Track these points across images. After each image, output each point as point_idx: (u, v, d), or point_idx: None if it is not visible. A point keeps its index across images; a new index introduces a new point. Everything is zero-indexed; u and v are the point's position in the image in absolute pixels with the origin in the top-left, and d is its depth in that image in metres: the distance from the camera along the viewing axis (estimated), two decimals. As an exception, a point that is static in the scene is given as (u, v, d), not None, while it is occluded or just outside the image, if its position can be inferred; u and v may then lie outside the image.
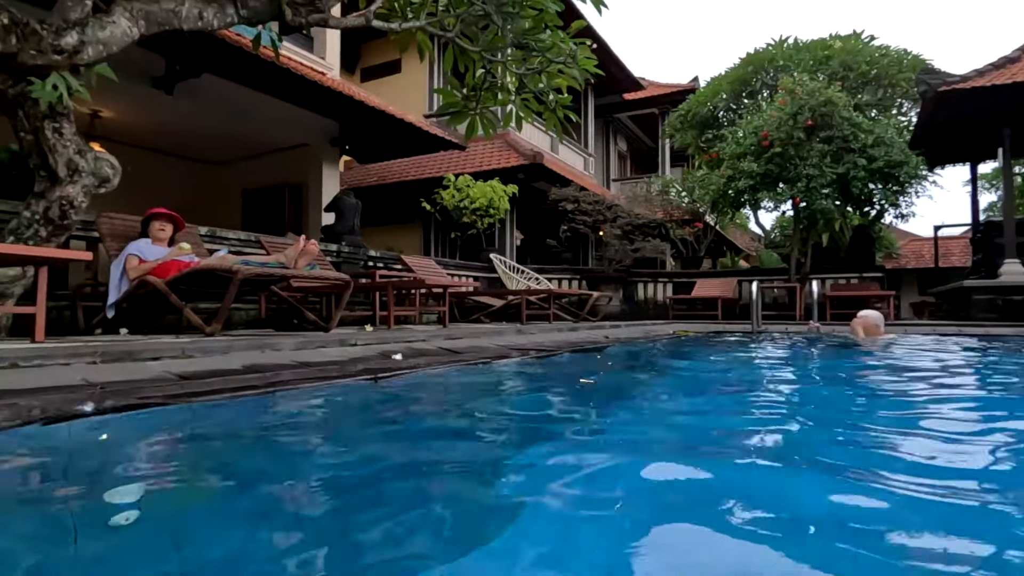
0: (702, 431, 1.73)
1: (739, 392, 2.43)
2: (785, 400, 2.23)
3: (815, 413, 2.01)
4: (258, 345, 2.61)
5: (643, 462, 1.26)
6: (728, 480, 1.16)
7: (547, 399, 2.20)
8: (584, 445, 1.42)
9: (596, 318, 8.45)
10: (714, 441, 1.57)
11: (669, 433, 1.65)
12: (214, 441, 1.36)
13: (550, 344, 3.93)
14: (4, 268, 3.65)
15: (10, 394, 1.46)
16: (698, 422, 1.87)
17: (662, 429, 1.69)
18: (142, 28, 4.02)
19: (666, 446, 1.47)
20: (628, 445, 1.46)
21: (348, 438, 1.48)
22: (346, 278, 3.97)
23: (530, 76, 6.54)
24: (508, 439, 1.51)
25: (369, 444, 1.43)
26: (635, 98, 20.72)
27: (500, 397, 2.24)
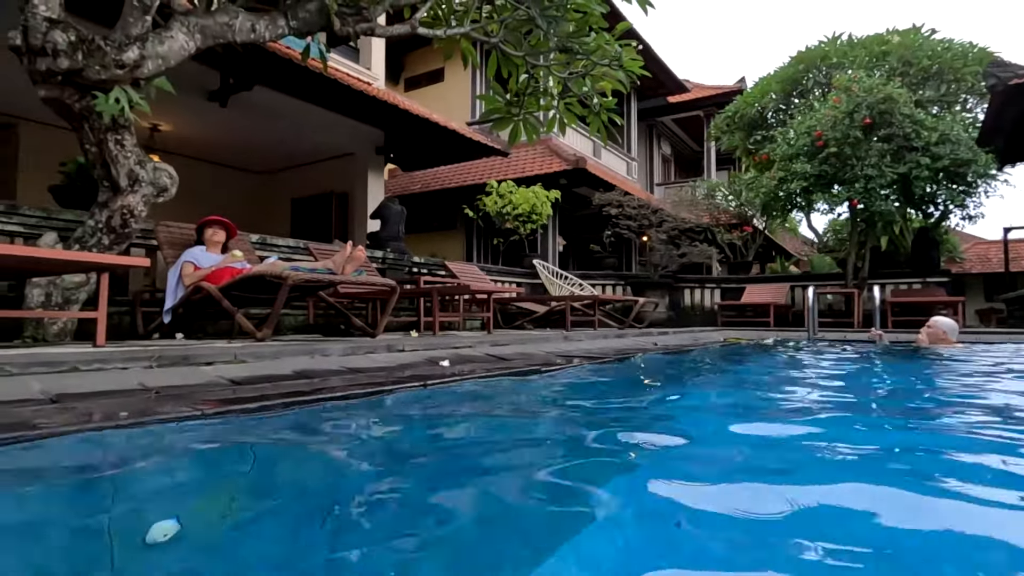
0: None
1: (863, 413, 2.13)
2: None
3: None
4: (308, 351, 2.62)
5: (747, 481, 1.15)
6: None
7: (615, 409, 2.08)
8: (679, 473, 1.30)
9: (642, 325, 8.27)
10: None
11: (760, 455, 1.50)
12: (261, 455, 1.33)
13: (598, 351, 3.83)
14: (70, 275, 3.81)
15: (69, 398, 1.48)
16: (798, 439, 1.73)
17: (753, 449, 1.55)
18: (198, 42, 4.14)
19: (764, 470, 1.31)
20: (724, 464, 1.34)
21: (408, 452, 1.41)
22: (392, 283, 3.98)
23: (574, 80, 6.47)
24: (578, 457, 1.41)
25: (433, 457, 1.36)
26: (679, 101, 20.37)
27: (561, 406, 2.15)
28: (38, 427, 1.06)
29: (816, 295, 6.47)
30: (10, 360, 1.74)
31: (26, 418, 1.17)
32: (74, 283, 3.81)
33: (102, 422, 1.13)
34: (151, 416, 1.21)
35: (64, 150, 5.30)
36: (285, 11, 4.59)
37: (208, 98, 7.98)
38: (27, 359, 1.78)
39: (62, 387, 1.61)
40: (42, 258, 2.29)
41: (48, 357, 1.84)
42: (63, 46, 3.45)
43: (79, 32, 3.54)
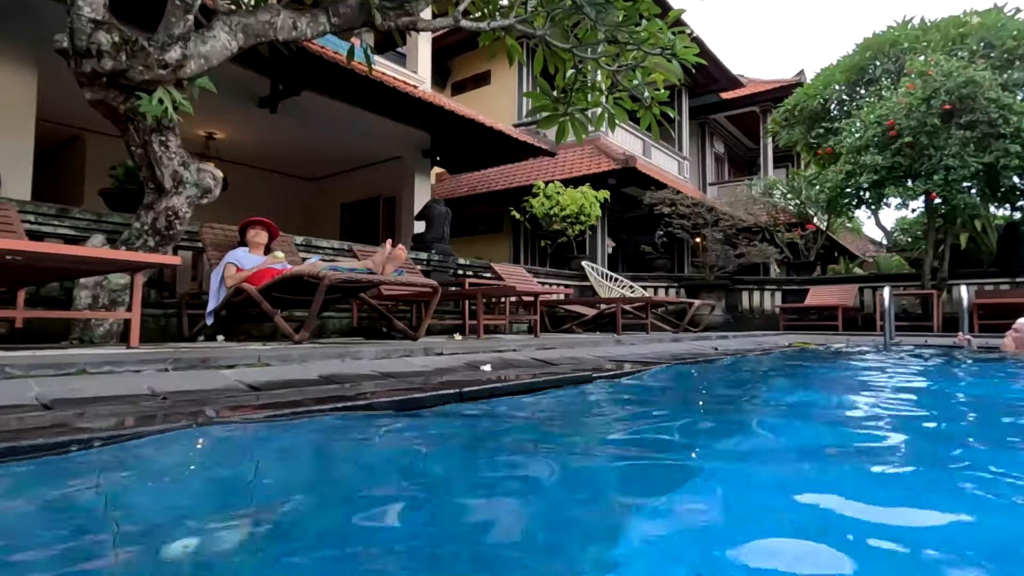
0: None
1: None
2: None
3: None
4: (339, 353, 2.46)
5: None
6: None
7: (683, 425, 1.80)
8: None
9: (697, 328, 7.85)
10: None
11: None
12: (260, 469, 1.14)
13: (653, 356, 3.54)
14: (116, 277, 3.81)
15: (65, 404, 1.35)
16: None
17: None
18: (240, 41, 4.10)
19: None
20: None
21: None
22: (434, 284, 3.81)
23: (624, 73, 6.17)
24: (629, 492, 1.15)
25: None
26: (733, 97, 19.65)
27: (623, 422, 1.87)
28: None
29: (892, 297, 5.93)
30: (14, 361, 1.64)
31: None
32: (120, 285, 3.81)
33: (71, 434, 0.97)
34: (137, 428, 1.04)
35: (124, 158, 5.45)
36: (326, 8, 4.52)
37: (259, 104, 8.09)
38: (34, 360, 1.68)
39: (63, 391, 1.48)
40: (73, 256, 2.23)
41: (58, 359, 1.74)
42: (107, 47, 3.44)
43: (123, 33, 3.53)
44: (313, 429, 1.25)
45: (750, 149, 24.11)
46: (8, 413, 1.22)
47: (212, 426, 1.14)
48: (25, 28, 5.54)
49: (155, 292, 4.64)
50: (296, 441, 1.20)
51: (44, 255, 2.18)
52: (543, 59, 6.06)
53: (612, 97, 6.34)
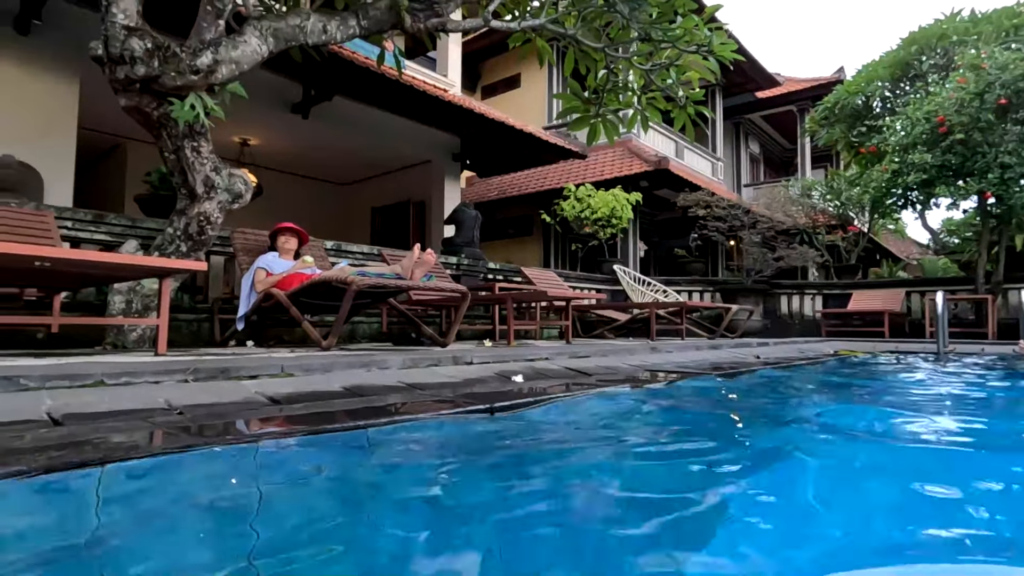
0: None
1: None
2: None
3: None
4: (364, 362, 2.38)
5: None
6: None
7: (728, 457, 1.62)
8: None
9: (734, 334, 7.59)
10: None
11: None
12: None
13: (692, 364, 3.37)
14: (148, 282, 3.83)
15: (76, 419, 1.29)
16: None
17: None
18: (271, 45, 4.09)
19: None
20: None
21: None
22: (463, 289, 3.72)
23: (657, 72, 6.00)
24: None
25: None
26: (769, 96, 19.17)
27: (663, 445, 1.72)
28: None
29: (945, 302, 5.61)
30: (31, 372, 1.60)
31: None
32: (152, 290, 3.83)
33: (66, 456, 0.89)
34: (140, 454, 0.96)
35: (161, 165, 5.55)
36: (356, 11, 4.49)
37: (291, 110, 8.17)
38: (51, 371, 1.64)
39: (76, 405, 1.43)
40: (99, 262, 2.21)
41: (76, 369, 1.69)
42: (140, 53, 3.46)
43: (155, 39, 3.55)
44: (332, 451, 1.16)
45: (786, 149, 23.52)
46: (15, 429, 1.16)
47: (227, 446, 1.06)
48: (67, 38, 5.67)
49: (188, 297, 4.67)
50: (305, 471, 1.11)
51: (72, 261, 2.16)
52: (574, 60, 5.94)
53: (645, 97, 6.18)
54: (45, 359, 2.22)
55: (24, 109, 5.62)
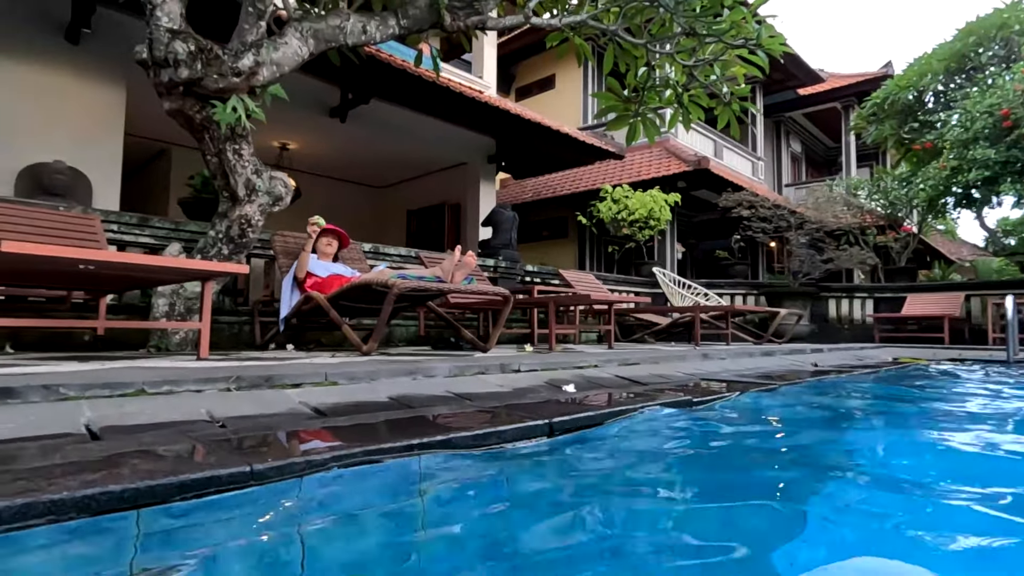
0: None
1: None
2: None
3: None
4: (409, 370, 2.28)
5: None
6: None
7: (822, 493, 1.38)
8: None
9: (781, 340, 7.28)
10: None
11: None
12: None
13: (750, 374, 3.18)
14: (191, 285, 3.83)
15: (115, 432, 1.22)
16: None
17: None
18: (311, 47, 4.07)
19: None
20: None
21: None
22: (505, 292, 3.61)
23: (701, 68, 5.80)
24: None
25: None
26: (812, 93, 18.58)
27: (726, 469, 1.55)
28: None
29: (1016, 306, 5.24)
30: (71, 380, 1.55)
31: (28, 469, 0.87)
32: (195, 293, 3.83)
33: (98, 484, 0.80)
34: (172, 477, 0.86)
35: (204, 169, 5.65)
36: (395, 10, 4.44)
37: (329, 114, 8.22)
38: (92, 378, 1.58)
39: (115, 417, 1.36)
40: (141, 264, 2.17)
41: (117, 376, 1.64)
42: (183, 55, 3.46)
43: (198, 41, 3.55)
44: (380, 475, 1.04)
45: (830, 148, 22.80)
46: (50, 444, 1.09)
47: (264, 480, 0.94)
48: (114, 47, 5.79)
49: (229, 299, 4.68)
50: (353, 500, 0.99)
51: (115, 264, 2.13)
52: (613, 57, 5.78)
53: (687, 95, 5.98)
54: (89, 363, 2.19)
55: (74, 116, 5.76)
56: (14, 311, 3.50)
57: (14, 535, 0.68)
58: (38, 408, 1.38)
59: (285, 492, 0.94)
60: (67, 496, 0.75)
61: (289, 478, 0.97)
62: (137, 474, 0.86)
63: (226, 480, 0.89)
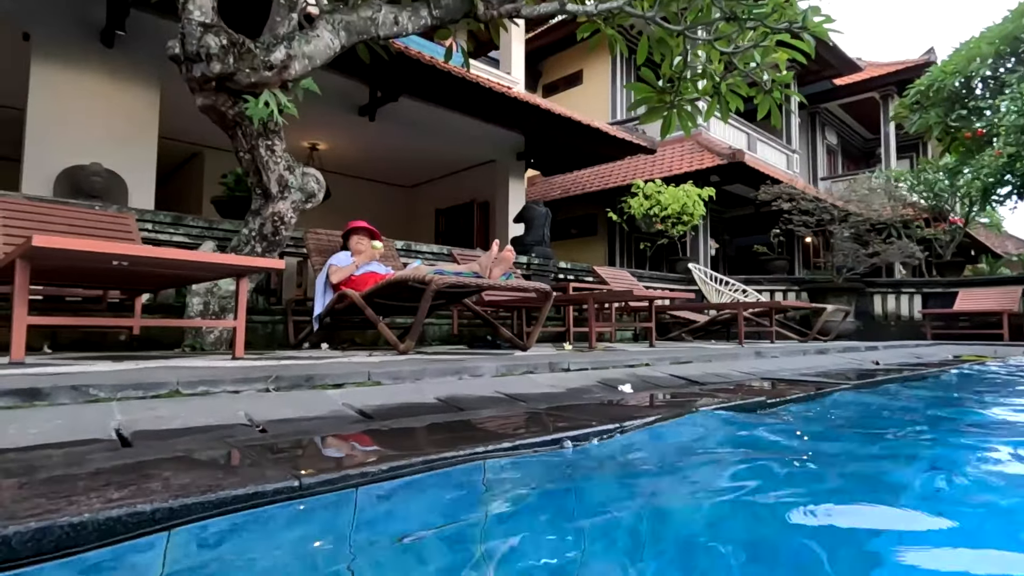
0: None
1: None
2: None
3: None
4: (455, 369, 2.15)
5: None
6: None
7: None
8: None
9: (827, 337, 6.97)
10: None
11: None
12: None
13: (811, 371, 2.97)
14: (225, 284, 3.78)
15: (146, 438, 1.11)
16: None
17: None
18: (343, 39, 3.98)
19: None
20: None
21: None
22: (546, 288, 3.46)
23: (740, 55, 5.57)
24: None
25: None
26: (849, 82, 17.97)
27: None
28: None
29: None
30: (102, 380, 1.45)
31: (51, 484, 0.76)
32: (229, 292, 3.78)
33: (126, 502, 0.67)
34: (211, 494, 0.73)
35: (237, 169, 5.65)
36: (427, 1, 4.32)
37: (359, 113, 8.18)
38: (125, 378, 1.49)
39: (147, 420, 1.26)
40: (176, 260, 2.09)
41: (150, 377, 1.53)
42: (215, 50, 3.39)
43: (230, 35, 3.49)
44: (441, 488, 0.90)
45: (867, 140, 22.10)
46: (75, 452, 0.99)
47: (314, 494, 0.81)
48: (148, 50, 5.82)
49: (262, 298, 4.63)
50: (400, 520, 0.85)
51: (148, 259, 2.06)
52: (647, 47, 5.59)
53: (725, 84, 5.75)
54: (123, 363, 2.12)
55: (110, 118, 5.80)
56: (51, 311, 3.48)
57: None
58: (66, 411, 1.29)
59: (337, 508, 0.81)
60: (88, 518, 0.63)
61: (341, 489, 0.84)
62: (170, 490, 0.74)
63: (271, 496, 0.77)
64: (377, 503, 0.85)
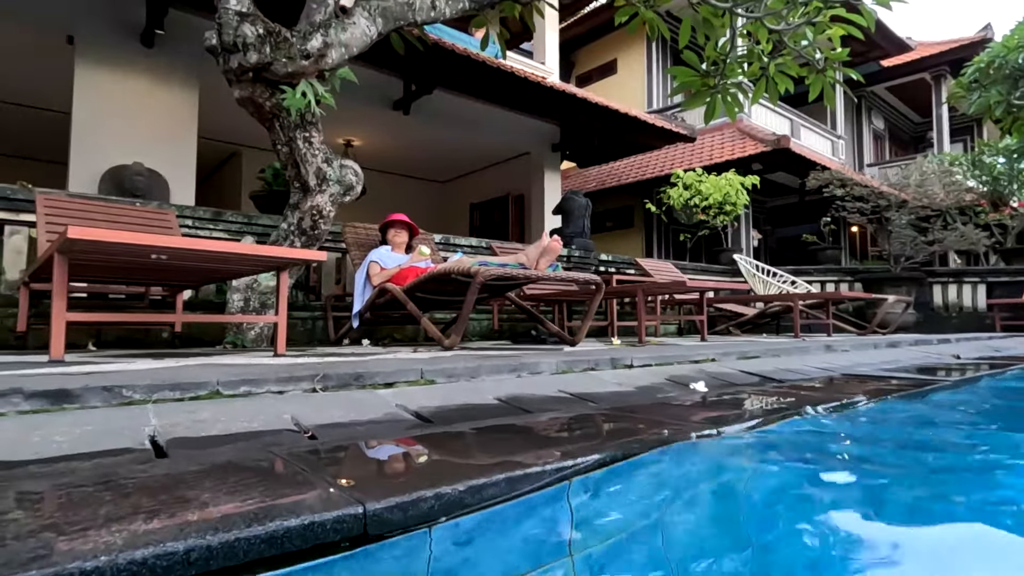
0: None
1: None
2: None
3: None
4: (512, 367, 1.98)
5: None
6: None
7: None
8: None
9: (886, 330, 6.58)
10: None
11: None
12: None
13: (891, 366, 2.71)
14: (265, 280, 3.71)
15: (184, 446, 0.98)
16: None
17: None
18: (379, 26, 3.86)
19: None
20: None
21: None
22: (597, 280, 3.27)
23: (791, 33, 5.25)
24: None
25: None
26: (898, 63, 17.13)
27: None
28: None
29: None
30: (136, 380, 1.34)
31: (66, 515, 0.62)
32: (269, 288, 3.72)
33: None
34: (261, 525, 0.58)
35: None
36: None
37: (393, 107, 8.11)
38: (163, 377, 1.37)
39: (185, 425, 1.13)
40: (215, 252, 1.99)
41: (190, 376, 1.41)
42: (252, 39, 3.31)
43: (266, 24, 3.40)
44: (524, 515, 0.73)
45: (916, 124, 21.12)
46: (103, 464, 0.86)
47: (380, 524, 0.65)
48: (186, 46, 5.83)
49: (301, 295, 4.57)
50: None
51: (188, 251, 1.96)
52: (689, 28, 5.32)
53: (774, 64, 5.43)
54: (163, 360, 2.03)
55: (151, 119, 5.83)
56: (95, 309, 3.46)
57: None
58: (97, 415, 1.17)
59: (410, 547, 0.65)
60: (105, 563, 0.49)
61: (412, 515, 0.69)
62: (208, 520, 0.60)
63: (331, 528, 0.62)
64: (457, 536, 0.69)
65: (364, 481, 0.77)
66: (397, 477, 0.89)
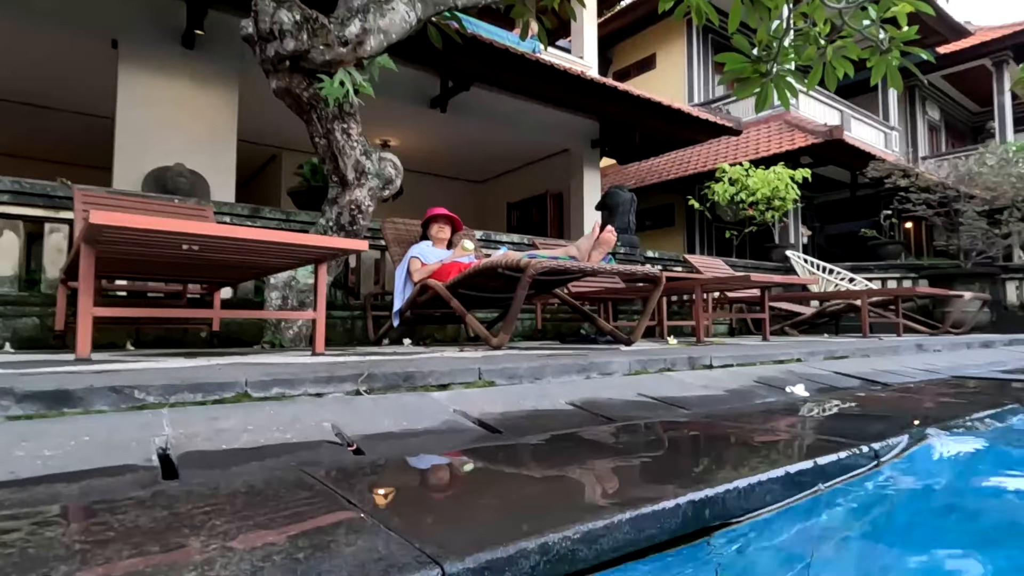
0: None
1: None
2: None
3: None
4: (580, 367, 1.74)
5: None
6: None
7: None
8: None
9: (960, 330, 6.08)
10: None
11: None
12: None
13: (1010, 369, 2.37)
14: (303, 277, 3.58)
15: (199, 464, 0.79)
16: None
17: None
18: (419, 11, 3.69)
19: None
20: None
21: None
22: (656, 274, 3.01)
23: (852, 12, 4.87)
24: None
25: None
26: (955, 50, 16.21)
27: None
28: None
29: None
30: (152, 380, 1.15)
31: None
32: (307, 285, 3.60)
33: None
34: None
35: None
36: (508, -35, 3.98)
37: (430, 105, 7.98)
38: (178, 377, 1.19)
39: (204, 435, 0.94)
40: (250, 240, 1.84)
41: (214, 377, 1.23)
42: (288, 26, 3.18)
43: (303, 10, 3.27)
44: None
45: (974, 114, 20.01)
46: (100, 488, 0.67)
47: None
48: (226, 47, 5.81)
49: (340, 293, 4.44)
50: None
51: (220, 239, 1.81)
52: (739, 11, 5.00)
53: (832, 47, 5.06)
54: (196, 359, 1.88)
55: (192, 120, 5.83)
56: (133, 306, 3.38)
57: None
58: (101, 421, 0.99)
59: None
60: None
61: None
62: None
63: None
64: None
65: (434, 522, 0.55)
66: (478, 515, 0.65)
